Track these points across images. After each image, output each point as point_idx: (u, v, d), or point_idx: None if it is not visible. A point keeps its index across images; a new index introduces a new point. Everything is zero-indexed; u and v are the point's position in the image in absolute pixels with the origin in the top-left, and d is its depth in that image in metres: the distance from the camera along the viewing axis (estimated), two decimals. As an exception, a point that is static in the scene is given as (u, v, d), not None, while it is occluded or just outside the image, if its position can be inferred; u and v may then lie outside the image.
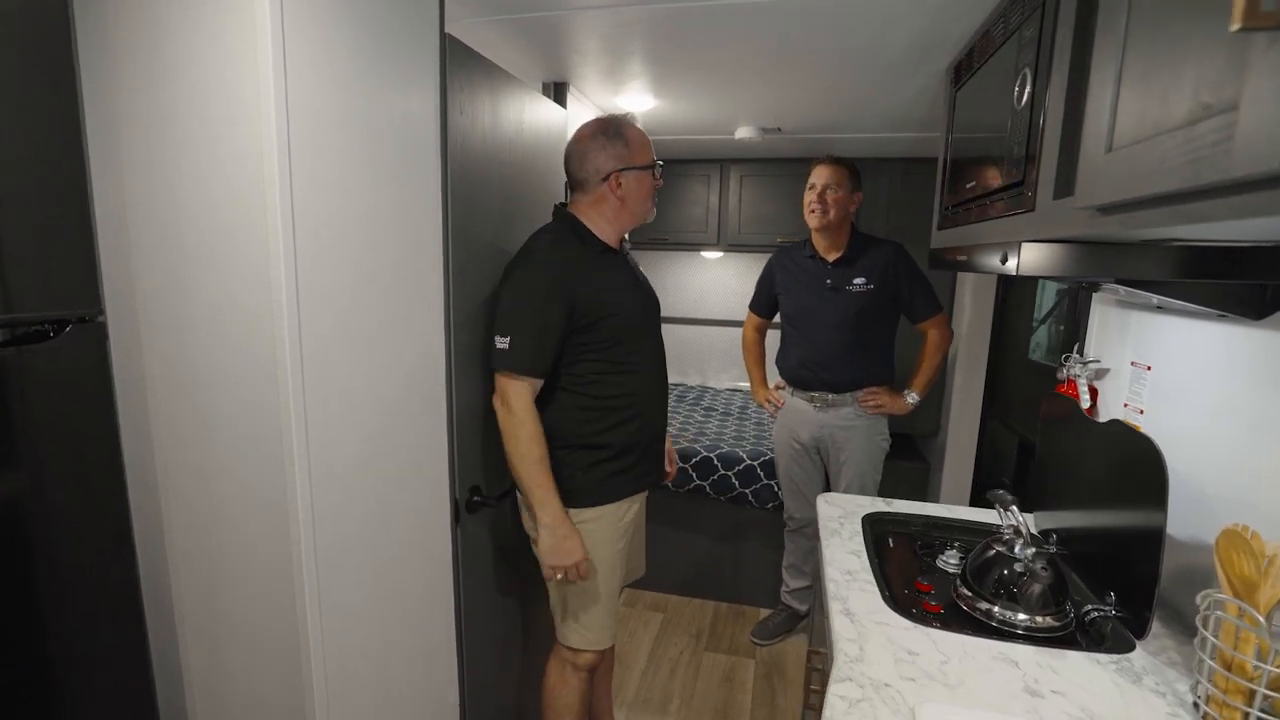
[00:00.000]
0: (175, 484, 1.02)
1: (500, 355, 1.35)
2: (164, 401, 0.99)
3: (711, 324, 3.82)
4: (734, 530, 2.73)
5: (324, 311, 0.99)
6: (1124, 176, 0.63)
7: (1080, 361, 1.48)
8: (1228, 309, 1.04)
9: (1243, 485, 1.03)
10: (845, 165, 2.15)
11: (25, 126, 0.77)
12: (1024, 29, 1.02)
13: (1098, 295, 1.53)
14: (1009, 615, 1.12)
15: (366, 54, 1.04)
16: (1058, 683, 0.96)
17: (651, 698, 2.21)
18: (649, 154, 1.45)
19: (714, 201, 3.29)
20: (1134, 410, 1.33)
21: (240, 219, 0.90)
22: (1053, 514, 1.41)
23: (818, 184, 2.13)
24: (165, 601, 1.05)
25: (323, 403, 1.00)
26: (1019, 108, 1.01)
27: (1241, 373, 1.05)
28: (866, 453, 2.24)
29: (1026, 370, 2.49)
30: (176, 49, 0.88)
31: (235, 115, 0.88)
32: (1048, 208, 0.88)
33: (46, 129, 0.80)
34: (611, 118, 1.46)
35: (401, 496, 1.22)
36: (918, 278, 2.17)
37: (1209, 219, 0.53)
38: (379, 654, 1.18)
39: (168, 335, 0.97)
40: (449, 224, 1.29)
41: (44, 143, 0.80)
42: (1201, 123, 0.51)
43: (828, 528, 1.49)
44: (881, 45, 1.60)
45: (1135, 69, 0.63)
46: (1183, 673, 0.99)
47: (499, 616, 1.62)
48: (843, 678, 0.95)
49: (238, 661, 1.05)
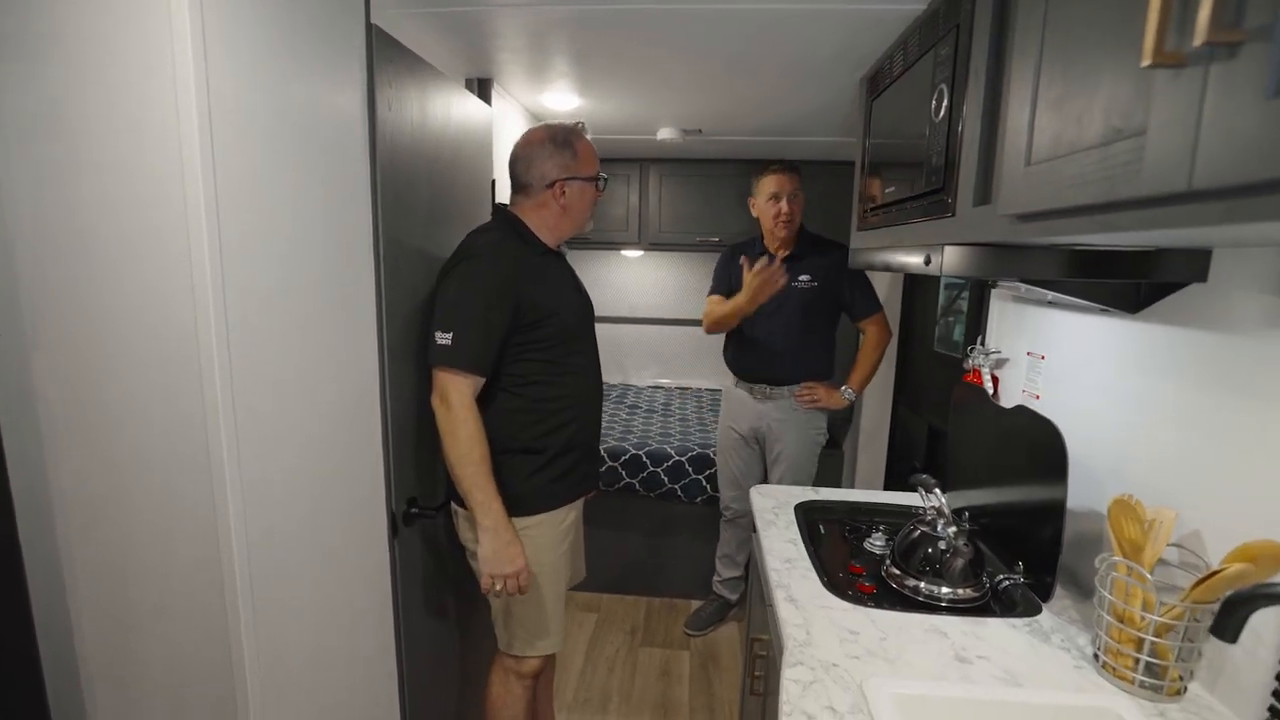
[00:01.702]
0: (77, 520, 0.91)
1: (441, 351, 1.30)
2: (63, 425, 0.88)
3: (632, 322, 3.86)
4: (664, 526, 2.77)
5: (251, 317, 0.92)
6: (1043, 189, 0.70)
7: (984, 352, 1.62)
8: (1109, 304, 1.17)
9: (1125, 458, 1.16)
10: (798, 171, 2.23)
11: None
12: (939, 48, 1.10)
13: (995, 291, 1.67)
14: (934, 590, 1.21)
15: (289, 43, 0.98)
16: (982, 648, 1.05)
17: (591, 698, 2.21)
18: (594, 166, 1.45)
19: (634, 201, 3.32)
20: (1030, 395, 1.47)
21: (160, 219, 0.82)
22: (964, 493, 1.54)
23: (782, 194, 2.19)
24: (68, 655, 0.94)
25: (251, 415, 0.92)
26: (936, 120, 1.09)
27: (1122, 360, 1.18)
28: (801, 445, 2.33)
29: (932, 361, 2.68)
30: (81, 30, 0.79)
31: (150, 104, 0.79)
32: (968, 214, 0.96)
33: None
34: (562, 126, 1.45)
35: (337, 511, 1.15)
36: (859, 278, 2.28)
37: (1121, 229, 0.60)
38: (316, 668, 1.11)
39: (69, 349, 0.87)
40: (379, 221, 1.23)
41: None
42: (1115, 144, 0.58)
43: (763, 518, 1.55)
44: (802, 55, 1.67)
45: (1051, 93, 0.70)
46: (1082, 629, 1.11)
47: (439, 628, 1.57)
48: (794, 662, 1.00)
49: (158, 711, 0.96)
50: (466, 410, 1.32)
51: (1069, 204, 0.65)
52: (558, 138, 1.41)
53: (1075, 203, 0.64)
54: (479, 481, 1.32)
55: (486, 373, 1.35)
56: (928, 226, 1.13)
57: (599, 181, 1.46)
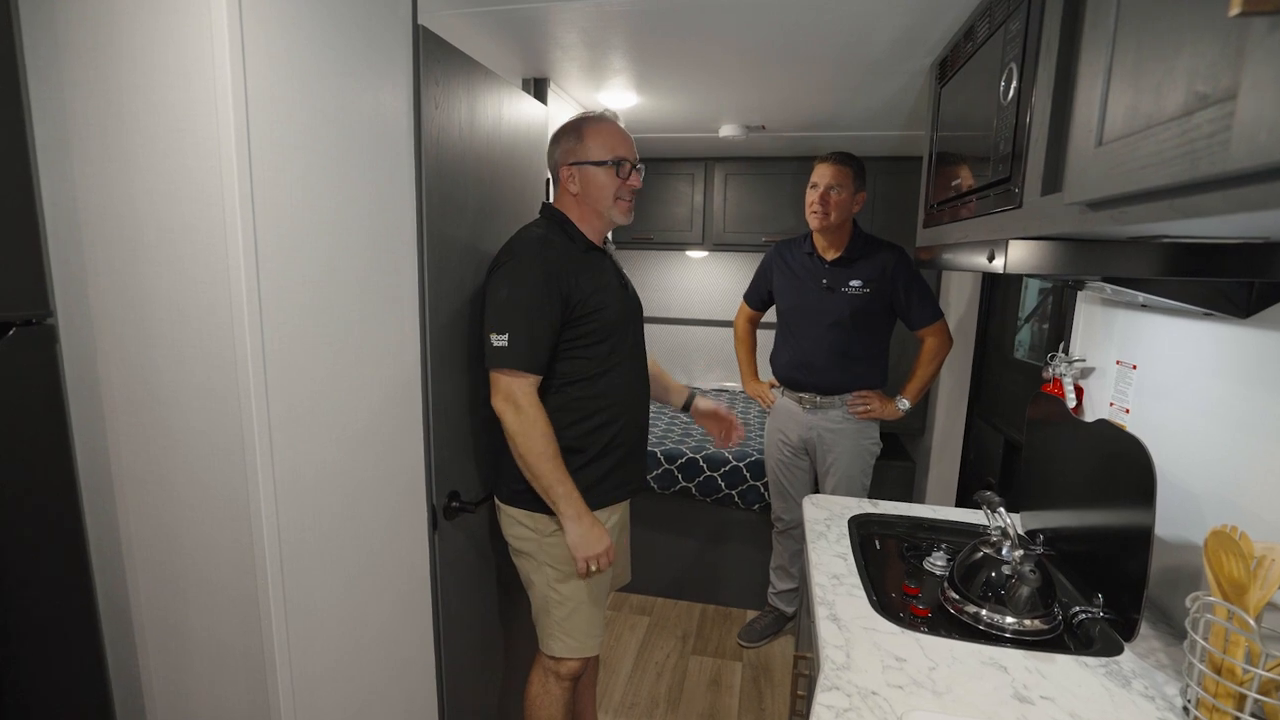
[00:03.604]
0: (133, 494, 0.97)
1: (501, 353, 1.30)
2: (121, 407, 0.95)
3: (697, 324, 3.80)
4: (720, 532, 2.70)
5: (288, 311, 0.95)
6: (1115, 171, 0.61)
7: (1066, 361, 1.47)
8: (1214, 307, 1.03)
9: (1230, 485, 1.02)
10: (849, 164, 2.07)
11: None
12: (1009, 24, 1.00)
13: (1083, 294, 1.52)
14: (997, 618, 1.10)
15: (333, 44, 1.00)
16: (1047, 687, 0.94)
17: (638, 702, 2.18)
18: (611, 151, 1.39)
19: (699, 200, 3.27)
20: (1120, 409, 1.32)
21: (199, 215, 0.86)
22: (1039, 514, 1.40)
23: (820, 184, 2.07)
24: (124, 614, 1.01)
25: (288, 407, 0.95)
26: (1005, 103, 0.99)
27: (1228, 371, 1.04)
28: (854, 456, 2.22)
29: (1012, 369, 2.49)
30: (128, 37, 0.84)
31: (192, 107, 0.83)
32: (1035, 204, 0.86)
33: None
34: (582, 115, 1.44)
35: (375, 503, 1.18)
36: (917, 283, 2.11)
37: (1205, 213, 0.51)
38: (351, 662, 1.14)
39: (124, 337, 0.92)
40: (424, 222, 1.25)
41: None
42: (1197, 113, 0.49)
43: (814, 530, 1.47)
44: (865, 42, 1.58)
45: (1126, 61, 0.61)
46: (1171, 675, 0.98)
47: (479, 625, 1.59)
48: (829, 686, 0.93)
49: (200, 674, 1.01)
50: (536, 409, 1.32)
51: (1143, 186, 0.56)
52: (569, 125, 1.42)
53: (1150, 185, 0.55)
54: (558, 475, 1.34)
55: (542, 371, 1.35)
56: (993, 220, 1.03)
57: (619, 166, 1.40)
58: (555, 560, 1.43)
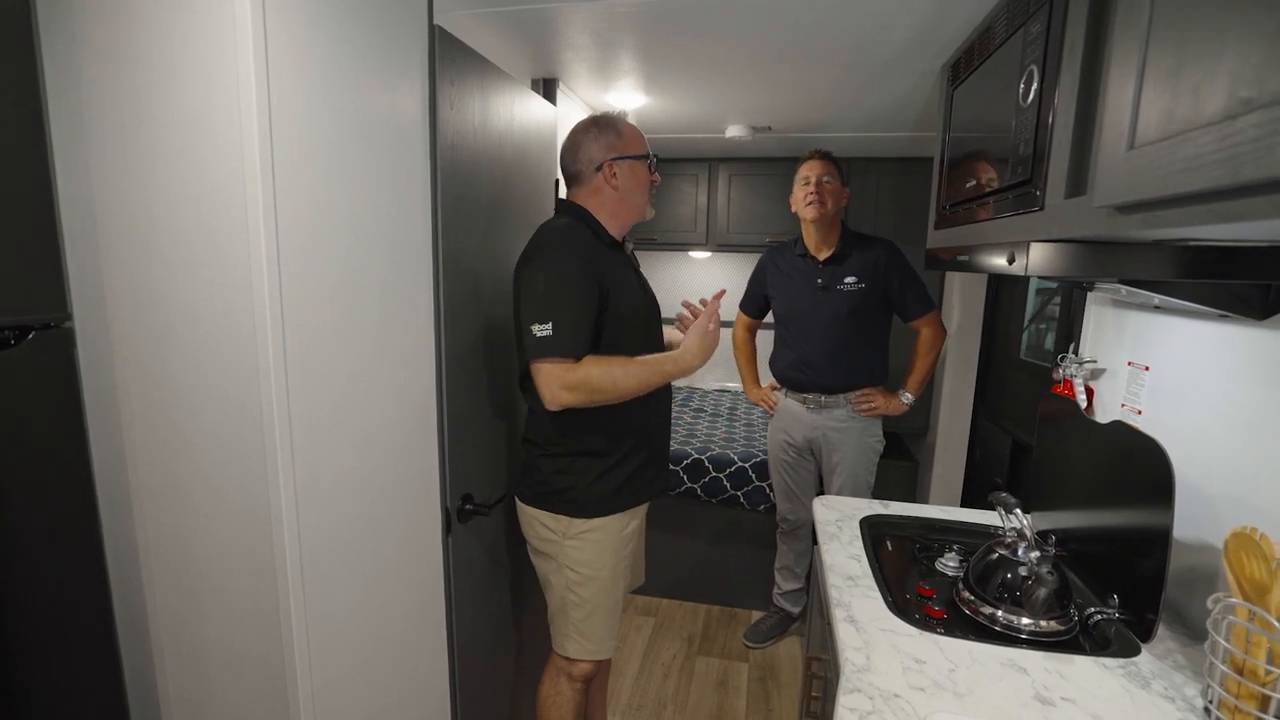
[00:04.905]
0: (150, 500, 0.96)
1: (544, 342, 1.26)
2: (138, 411, 0.94)
3: (699, 324, 3.79)
4: (726, 533, 2.70)
5: (309, 315, 0.94)
6: (1149, 175, 0.61)
7: (1076, 361, 1.48)
8: (1230, 309, 1.03)
9: (1246, 486, 1.02)
10: (834, 160, 2.16)
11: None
12: (1030, 25, 1.00)
13: (1093, 295, 1.52)
14: (1013, 620, 1.10)
15: (352, 43, 1.00)
16: (1067, 689, 0.94)
17: (645, 704, 2.18)
18: (643, 146, 1.42)
19: (703, 201, 3.27)
20: (1131, 410, 1.32)
21: (220, 216, 0.85)
22: (1051, 514, 1.41)
23: (812, 176, 2.12)
24: (140, 621, 1.00)
25: (308, 412, 0.95)
26: (1024, 106, 0.99)
27: (1245, 373, 1.04)
28: (860, 454, 2.22)
29: (1018, 369, 2.49)
30: (148, 37, 0.83)
31: (213, 107, 0.83)
32: (1058, 207, 0.86)
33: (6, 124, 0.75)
34: (604, 113, 1.43)
35: (391, 507, 1.17)
36: (909, 275, 2.15)
37: (1245, 218, 0.51)
38: (368, 667, 1.13)
39: (142, 341, 0.92)
40: (439, 222, 1.24)
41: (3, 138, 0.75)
42: (1242, 117, 0.49)
43: (826, 531, 1.47)
44: (876, 42, 1.58)
45: (1161, 64, 0.61)
46: (1190, 676, 0.98)
47: (492, 626, 1.58)
48: (851, 689, 0.93)
49: (217, 682, 1.00)
50: (586, 372, 1.27)
51: (1181, 190, 0.56)
52: (600, 122, 1.40)
53: (1189, 189, 0.55)
54: (649, 370, 1.32)
55: (586, 355, 1.30)
56: (1013, 222, 1.03)
57: (650, 162, 1.43)
58: (575, 563, 1.42)
